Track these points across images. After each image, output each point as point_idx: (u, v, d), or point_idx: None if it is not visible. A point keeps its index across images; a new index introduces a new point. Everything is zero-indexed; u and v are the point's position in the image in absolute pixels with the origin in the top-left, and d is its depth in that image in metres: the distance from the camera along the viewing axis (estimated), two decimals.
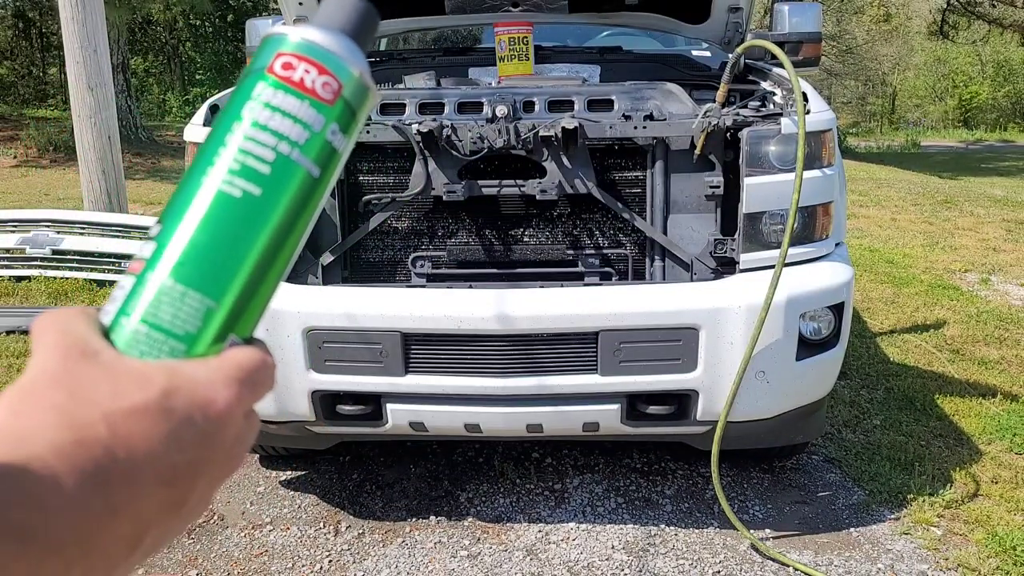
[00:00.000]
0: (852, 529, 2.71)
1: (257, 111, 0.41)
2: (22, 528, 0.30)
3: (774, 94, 2.62)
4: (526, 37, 3.02)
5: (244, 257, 0.40)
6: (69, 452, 0.32)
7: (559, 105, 2.50)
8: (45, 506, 0.31)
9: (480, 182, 2.46)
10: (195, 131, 2.55)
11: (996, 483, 2.98)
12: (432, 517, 2.79)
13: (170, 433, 0.35)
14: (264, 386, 0.40)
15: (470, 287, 2.43)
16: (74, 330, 0.37)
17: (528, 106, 2.50)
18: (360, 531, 2.72)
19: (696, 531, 2.70)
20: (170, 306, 0.39)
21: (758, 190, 2.36)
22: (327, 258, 2.53)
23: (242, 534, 2.72)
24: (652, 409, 2.43)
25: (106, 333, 0.39)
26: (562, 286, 2.41)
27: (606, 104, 2.50)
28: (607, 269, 2.54)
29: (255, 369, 0.39)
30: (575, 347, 2.33)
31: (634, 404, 2.42)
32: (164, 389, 0.35)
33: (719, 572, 2.49)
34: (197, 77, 24.56)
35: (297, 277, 2.52)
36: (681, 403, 2.43)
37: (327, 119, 0.42)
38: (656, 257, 2.54)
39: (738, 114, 2.41)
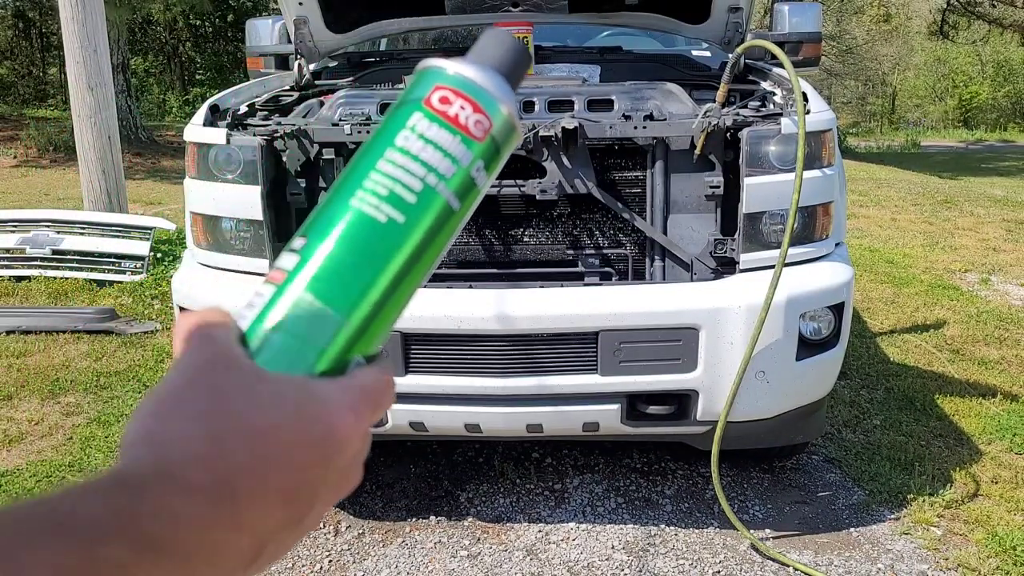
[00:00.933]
0: (852, 529, 2.71)
1: (411, 141, 0.42)
2: (155, 538, 0.31)
3: (774, 94, 2.62)
4: (526, 37, 3.02)
5: (378, 279, 0.41)
6: (206, 465, 0.33)
7: (559, 105, 2.50)
8: (178, 517, 0.32)
9: None
10: (195, 131, 2.55)
11: (996, 483, 2.98)
12: (432, 517, 2.79)
13: (297, 454, 0.36)
14: (383, 406, 0.41)
15: (470, 287, 2.43)
16: (218, 337, 0.38)
17: (528, 106, 2.50)
18: (360, 531, 2.72)
19: (696, 531, 2.70)
20: (305, 319, 0.40)
21: (758, 190, 2.36)
22: None
23: None
24: (652, 409, 2.43)
25: (242, 338, 0.40)
26: (562, 286, 2.41)
27: (606, 104, 2.50)
28: (607, 269, 2.54)
29: (377, 392, 0.40)
30: (575, 347, 2.33)
31: (634, 404, 2.42)
32: (296, 410, 0.36)
33: (719, 572, 2.49)
34: (197, 77, 24.58)
35: None
36: (681, 403, 2.42)
37: (475, 155, 0.43)
38: (656, 257, 2.54)
39: (738, 114, 2.41)
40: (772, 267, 2.32)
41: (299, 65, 3.11)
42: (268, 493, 0.35)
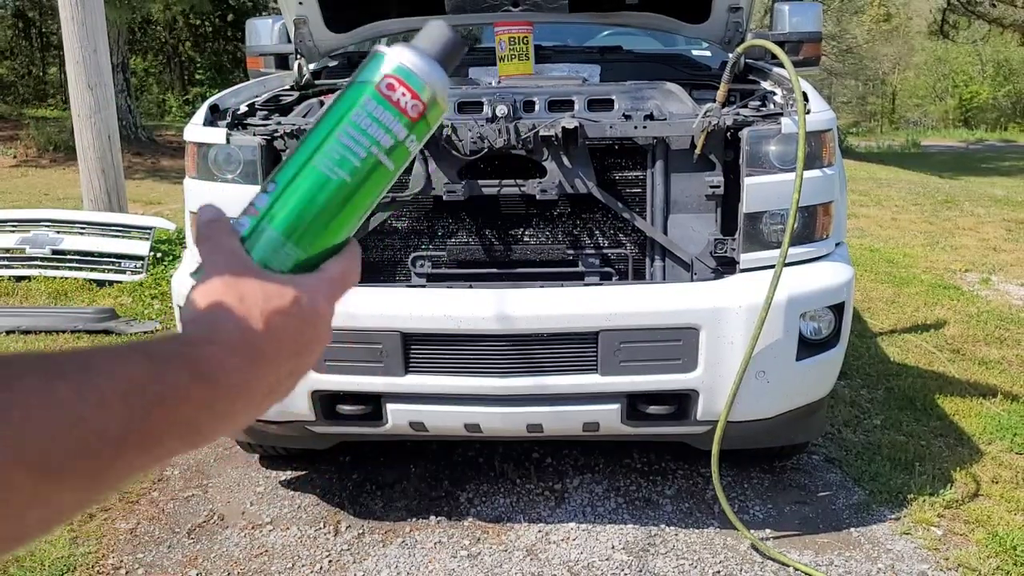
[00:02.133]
0: (852, 529, 2.71)
1: (361, 118, 0.54)
2: (208, 374, 0.46)
3: (774, 94, 2.62)
4: (526, 37, 3.02)
5: (329, 224, 0.55)
6: (241, 336, 0.49)
7: (559, 105, 2.50)
8: (224, 363, 0.47)
9: (480, 182, 2.46)
10: (195, 131, 2.55)
11: (996, 483, 2.98)
12: (432, 517, 2.79)
13: (296, 327, 0.52)
14: (350, 284, 0.58)
15: (470, 287, 2.43)
16: (229, 246, 0.54)
17: (528, 106, 2.49)
18: (360, 531, 2.72)
19: (696, 531, 2.70)
20: (277, 247, 0.54)
21: (758, 190, 2.36)
22: None
23: (242, 534, 2.72)
24: (652, 409, 2.43)
25: (242, 239, 0.54)
26: (562, 286, 2.41)
27: (606, 104, 2.50)
28: (607, 269, 2.54)
29: (342, 278, 0.57)
30: (575, 347, 2.33)
31: (634, 404, 2.42)
32: (294, 298, 0.52)
33: (719, 572, 2.49)
34: (197, 77, 24.54)
35: None
36: (681, 403, 2.42)
37: (409, 132, 0.55)
38: (656, 257, 2.53)
39: (738, 114, 2.41)
40: (772, 267, 2.32)
41: (299, 65, 3.11)
42: (280, 352, 0.51)
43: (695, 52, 4.05)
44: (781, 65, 2.40)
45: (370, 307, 2.34)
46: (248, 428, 2.57)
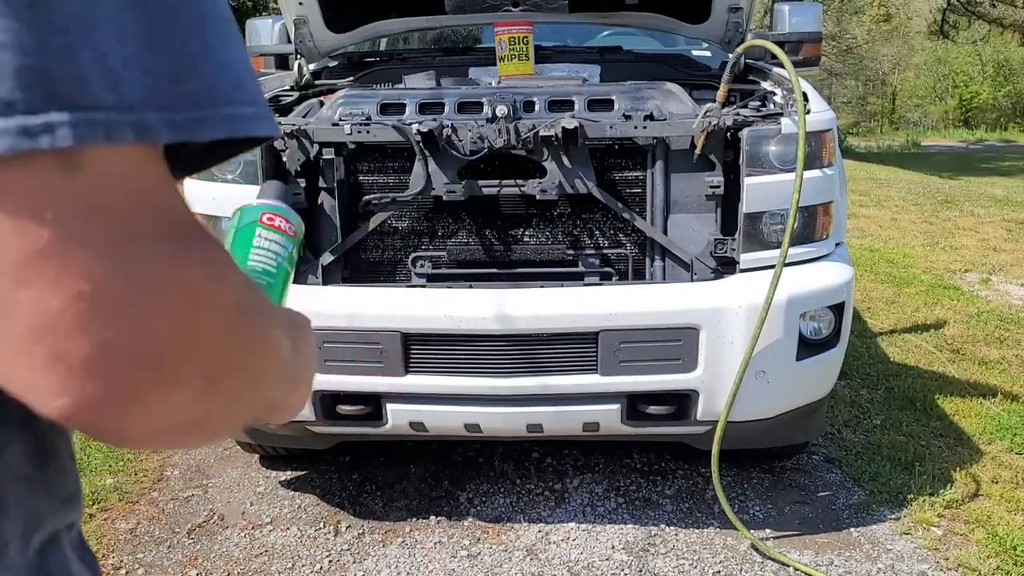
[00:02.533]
0: (852, 529, 2.71)
1: (263, 241, 0.76)
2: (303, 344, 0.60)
3: (774, 94, 2.62)
4: (526, 37, 3.02)
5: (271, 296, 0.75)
6: (298, 328, 0.61)
7: (559, 105, 2.50)
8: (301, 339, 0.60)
9: (480, 182, 2.46)
10: None
11: (996, 483, 2.98)
12: (432, 517, 2.79)
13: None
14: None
15: (470, 287, 2.43)
16: None
17: (528, 106, 2.50)
18: (360, 531, 2.72)
19: (696, 531, 2.70)
20: None
21: (758, 190, 2.36)
22: (327, 258, 2.52)
23: (242, 534, 2.72)
24: (652, 409, 2.43)
25: None
26: (562, 286, 2.41)
27: (606, 104, 2.50)
28: (607, 269, 2.54)
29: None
30: (575, 347, 2.33)
31: (634, 404, 2.42)
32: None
33: (719, 572, 2.49)
34: None
35: (297, 277, 2.52)
36: (681, 403, 2.42)
37: (291, 243, 0.78)
38: (656, 257, 2.53)
39: (738, 114, 2.41)
40: (772, 267, 2.32)
41: (299, 65, 3.11)
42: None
43: (695, 52, 4.05)
44: (781, 65, 2.40)
45: (370, 307, 2.34)
46: (248, 428, 2.57)
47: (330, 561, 2.57)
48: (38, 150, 0.36)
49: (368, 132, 2.44)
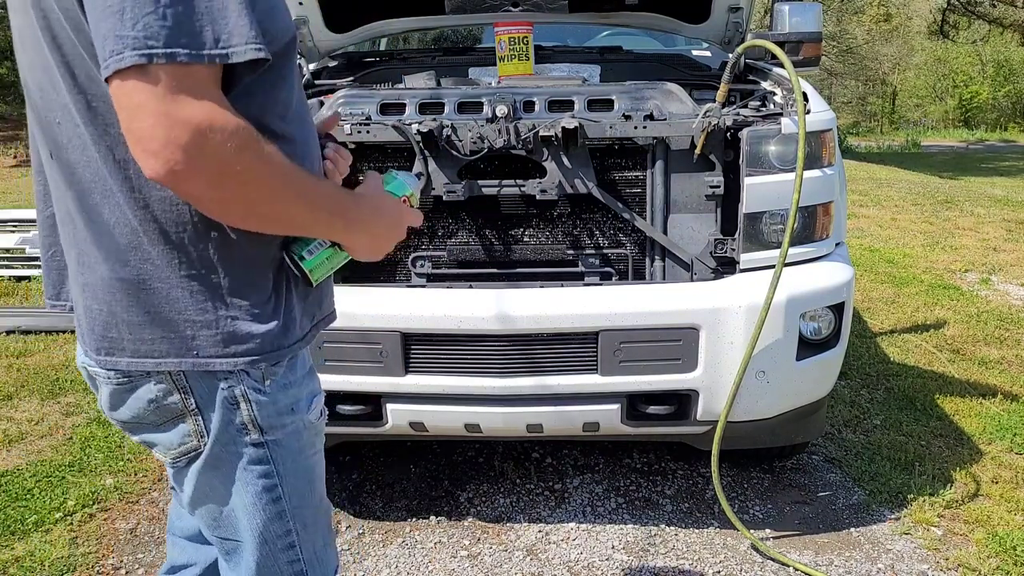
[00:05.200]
0: (852, 529, 2.71)
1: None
2: (354, 211, 1.22)
3: (774, 94, 2.62)
4: (526, 37, 3.02)
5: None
6: (373, 216, 1.27)
7: (559, 105, 2.50)
8: (359, 216, 1.23)
9: (480, 182, 2.46)
10: None
11: (996, 483, 2.98)
12: (432, 517, 2.79)
13: (393, 218, 1.31)
14: (411, 219, 1.36)
15: (470, 287, 2.43)
16: (375, 183, 1.32)
17: (528, 106, 2.50)
18: (360, 531, 2.72)
19: (696, 531, 2.70)
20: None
21: (758, 190, 2.36)
22: None
23: None
24: (652, 409, 2.43)
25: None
26: (562, 286, 2.41)
27: (606, 104, 2.50)
28: (607, 269, 2.54)
29: (410, 216, 1.35)
30: (575, 347, 2.33)
31: (634, 404, 2.42)
32: (395, 209, 1.32)
33: (719, 572, 2.49)
34: None
35: None
36: (681, 403, 2.42)
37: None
38: (656, 257, 2.53)
39: (738, 114, 2.41)
40: (772, 267, 2.32)
41: (299, 65, 3.11)
42: (379, 226, 1.27)
43: (695, 52, 4.05)
44: (781, 65, 2.40)
45: (370, 307, 2.34)
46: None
47: None
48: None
49: (368, 132, 2.44)
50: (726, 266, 2.48)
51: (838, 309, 2.47)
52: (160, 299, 1.10)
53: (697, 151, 2.42)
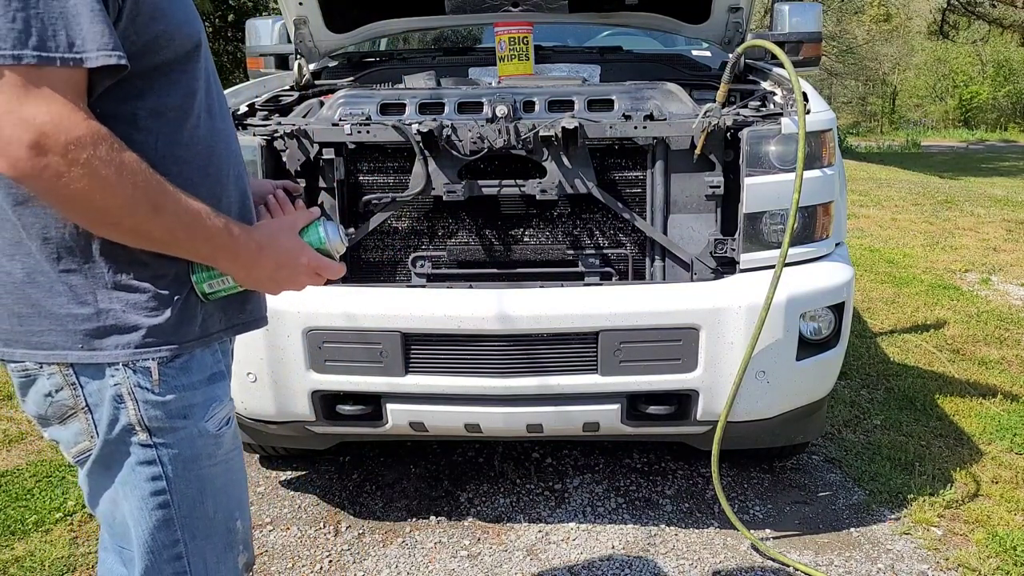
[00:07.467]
0: (852, 529, 2.71)
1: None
2: (238, 250, 1.20)
3: (774, 94, 2.62)
4: (526, 37, 3.02)
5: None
6: (261, 252, 1.24)
7: (559, 105, 2.50)
8: (247, 246, 1.21)
9: (480, 182, 2.46)
10: None
11: (996, 483, 2.98)
12: (432, 517, 2.79)
13: (285, 259, 1.27)
14: (324, 272, 1.34)
15: (470, 287, 2.43)
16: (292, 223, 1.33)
17: (528, 106, 2.50)
18: (360, 531, 2.72)
19: (696, 531, 2.70)
20: None
21: (758, 190, 2.36)
22: None
23: None
24: (652, 409, 2.43)
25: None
26: (562, 286, 2.41)
27: (606, 104, 2.50)
28: (607, 269, 2.54)
29: (322, 266, 1.32)
30: (575, 347, 2.33)
31: (634, 404, 2.42)
32: (293, 249, 1.31)
33: (719, 572, 2.49)
34: None
35: None
36: (681, 403, 2.42)
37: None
38: (656, 257, 2.54)
39: (738, 114, 2.41)
40: (772, 267, 2.32)
41: (299, 65, 3.11)
42: (262, 266, 1.23)
43: (695, 52, 4.05)
44: (781, 65, 2.40)
45: (370, 307, 2.34)
46: (248, 428, 2.57)
47: (330, 561, 2.57)
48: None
49: (368, 132, 2.44)
50: (726, 266, 2.48)
51: (838, 309, 2.47)
52: (44, 292, 1.12)
53: (697, 151, 2.42)
